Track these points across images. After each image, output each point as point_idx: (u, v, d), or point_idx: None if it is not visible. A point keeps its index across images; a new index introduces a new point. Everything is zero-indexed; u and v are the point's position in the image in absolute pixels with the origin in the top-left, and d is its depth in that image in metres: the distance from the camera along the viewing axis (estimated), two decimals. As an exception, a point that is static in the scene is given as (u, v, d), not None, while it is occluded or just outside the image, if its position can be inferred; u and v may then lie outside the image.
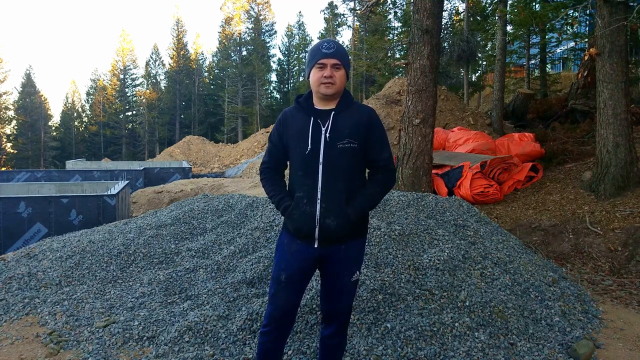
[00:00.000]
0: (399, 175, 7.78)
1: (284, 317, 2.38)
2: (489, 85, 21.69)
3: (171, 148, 33.66)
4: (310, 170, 2.28)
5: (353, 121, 2.31)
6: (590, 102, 12.83)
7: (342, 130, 2.28)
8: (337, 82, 2.28)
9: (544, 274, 4.37)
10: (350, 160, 2.29)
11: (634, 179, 7.15)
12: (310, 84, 2.34)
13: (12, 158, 49.53)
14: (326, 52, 2.26)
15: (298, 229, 2.30)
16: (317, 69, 2.28)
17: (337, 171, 2.27)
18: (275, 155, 2.44)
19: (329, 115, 2.31)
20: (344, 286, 2.36)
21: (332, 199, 2.26)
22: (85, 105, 60.75)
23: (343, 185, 2.28)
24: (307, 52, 2.41)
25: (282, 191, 2.39)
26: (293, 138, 2.33)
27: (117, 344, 3.18)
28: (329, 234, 2.27)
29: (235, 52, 47.94)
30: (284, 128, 2.38)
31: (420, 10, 7.50)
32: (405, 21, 27.11)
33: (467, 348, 3.05)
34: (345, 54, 2.31)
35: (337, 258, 2.33)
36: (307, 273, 2.38)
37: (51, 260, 4.58)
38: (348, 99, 2.37)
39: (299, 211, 2.28)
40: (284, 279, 2.33)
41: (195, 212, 5.47)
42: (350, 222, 2.28)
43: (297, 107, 2.39)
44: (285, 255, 2.36)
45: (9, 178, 14.35)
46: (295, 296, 2.38)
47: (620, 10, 6.93)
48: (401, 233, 4.30)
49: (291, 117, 2.38)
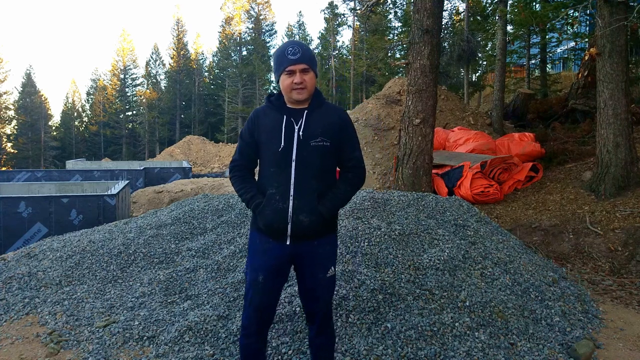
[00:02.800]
0: (399, 175, 7.78)
1: (264, 317, 2.40)
2: (489, 85, 21.67)
3: (171, 148, 33.69)
4: (283, 168, 2.30)
5: (326, 121, 2.35)
6: (590, 102, 12.82)
7: (315, 129, 2.32)
8: (308, 86, 2.30)
9: (544, 274, 4.37)
10: (323, 158, 2.33)
11: (634, 179, 7.14)
12: (280, 88, 2.35)
13: (12, 158, 49.54)
14: (292, 58, 2.25)
15: (269, 225, 2.30)
16: (286, 75, 2.28)
17: (309, 169, 2.30)
18: (246, 152, 2.44)
19: (301, 114, 2.34)
20: (320, 282, 2.39)
21: (304, 196, 2.28)
22: (86, 105, 60.79)
23: (315, 183, 2.31)
24: (273, 56, 2.39)
25: (253, 188, 2.39)
26: (265, 135, 2.35)
27: (117, 343, 3.18)
28: (301, 230, 2.29)
29: (236, 52, 47.96)
30: (256, 126, 2.39)
31: (420, 10, 7.50)
32: (406, 21, 27.14)
33: (467, 348, 3.05)
34: (311, 55, 2.31)
35: (311, 255, 2.35)
36: (282, 272, 2.40)
37: (51, 260, 4.58)
38: (319, 98, 2.40)
39: (271, 207, 2.29)
40: (261, 280, 2.33)
41: (196, 212, 5.47)
42: (322, 220, 2.32)
43: (269, 106, 2.40)
44: (259, 254, 2.36)
45: (9, 178, 14.35)
46: (273, 296, 2.41)
47: (621, 10, 6.92)
48: (401, 233, 4.30)
49: (263, 115, 2.39)
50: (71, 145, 54.53)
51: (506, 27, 14.77)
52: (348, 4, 35.31)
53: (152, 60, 55.00)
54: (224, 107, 47.23)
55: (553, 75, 21.46)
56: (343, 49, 44.09)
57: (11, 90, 60.71)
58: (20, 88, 53.25)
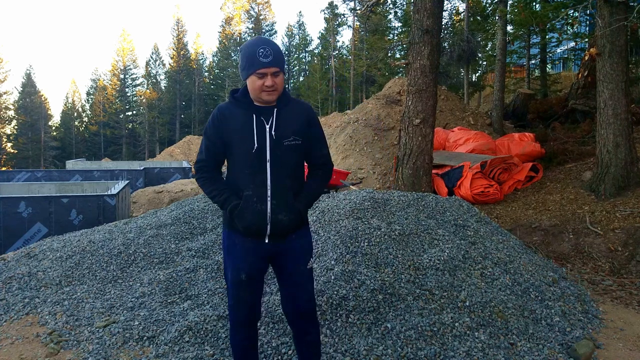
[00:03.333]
0: (399, 175, 7.78)
1: (251, 315, 2.40)
2: (489, 85, 21.67)
3: (171, 148, 33.67)
4: (257, 168, 2.27)
5: (296, 119, 2.34)
6: (590, 102, 12.82)
7: (286, 128, 2.30)
8: (279, 88, 2.27)
9: (544, 274, 4.37)
10: (296, 156, 2.35)
11: (634, 179, 7.14)
12: (247, 86, 2.29)
13: (12, 158, 49.54)
14: (264, 61, 2.18)
15: (248, 227, 2.29)
16: (256, 77, 2.22)
17: (284, 168, 2.30)
18: (213, 152, 2.36)
19: (271, 112, 2.30)
20: (302, 275, 2.41)
21: (281, 196, 2.29)
22: (86, 105, 60.81)
23: (290, 182, 2.33)
24: (241, 52, 2.28)
25: (226, 190, 2.35)
26: (235, 135, 2.28)
27: (117, 343, 3.18)
28: (280, 229, 2.31)
29: (236, 52, 47.95)
30: (222, 124, 2.30)
31: (420, 10, 7.51)
32: (406, 21, 27.15)
33: (467, 348, 3.05)
34: (282, 57, 2.26)
35: (290, 249, 2.38)
36: (262, 270, 2.41)
37: (51, 260, 4.58)
38: (286, 94, 2.37)
39: (250, 210, 2.27)
40: (244, 278, 2.33)
41: (196, 212, 5.47)
42: (300, 217, 2.35)
43: (234, 103, 2.33)
44: (240, 254, 2.35)
45: (9, 178, 14.34)
46: (257, 295, 2.42)
47: (621, 10, 6.92)
48: (401, 233, 4.30)
49: (229, 113, 2.31)
50: (71, 145, 54.53)
51: (506, 27, 14.78)
52: (348, 4, 35.37)
53: (152, 60, 55.04)
54: (224, 107, 47.21)
55: (553, 76, 21.46)
56: (343, 49, 44.14)
57: (11, 90, 60.76)
58: (20, 88, 53.28)
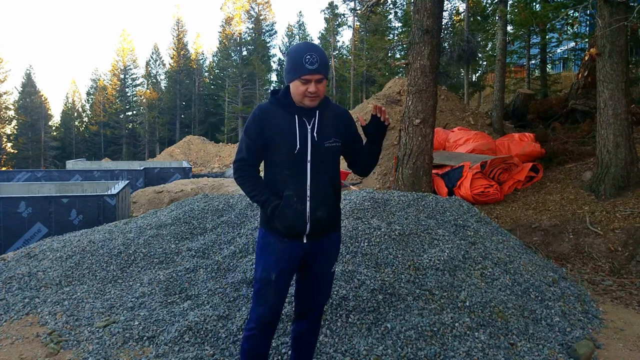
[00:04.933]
0: (399, 175, 7.78)
1: (273, 317, 2.40)
2: (489, 85, 21.68)
3: (171, 148, 33.70)
4: (297, 169, 2.29)
5: (336, 121, 2.38)
6: (590, 102, 12.82)
7: (327, 130, 2.33)
8: (321, 94, 2.28)
9: (544, 274, 4.37)
10: (335, 158, 2.39)
11: (634, 179, 7.14)
12: (290, 90, 2.29)
13: (12, 158, 49.53)
14: (311, 68, 2.18)
15: (289, 227, 2.30)
16: (300, 82, 2.22)
17: (323, 169, 2.33)
18: (253, 151, 2.34)
19: (313, 114, 2.32)
20: (326, 277, 2.47)
21: (320, 196, 2.32)
22: (86, 105, 60.75)
23: (329, 181, 2.36)
24: (287, 55, 2.30)
25: (266, 190, 2.34)
26: (277, 136, 2.29)
27: (117, 343, 3.18)
28: (319, 226, 2.33)
29: (236, 52, 47.94)
30: (264, 124, 2.30)
31: (420, 10, 7.51)
32: (406, 21, 27.16)
33: (467, 348, 3.05)
34: (327, 64, 2.26)
35: (323, 250, 2.41)
36: (293, 270, 2.42)
37: (51, 260, 4.58)
38: (326, 98, 2.40)
39: (291, 210, 2.28)
40: (274, 278, 2.33)
41: (196, 212, 5.47)
42: (337, 212, 2.41)
43: (275, 103, 2.34)
44: (274, 254, 2.36)
45: (9, 178, 14.35)
46: (283, 296, 2.42)
47: (621, 11, 6.92)
48: (401, 233, 4.30)
49: (271, 113, 2.32)
50: (71, 145, 54.52)
51: (506, 27, 14.78)
52: (348, 4, 35.37)
53: (152, 60, 55.01)
54: (224, 107, 47.24)
55: (553, 76, 21.47)
56: (343, 49, 44.15)
57: (11, 90, 60.82)
58: (20, 88, 53.25)
